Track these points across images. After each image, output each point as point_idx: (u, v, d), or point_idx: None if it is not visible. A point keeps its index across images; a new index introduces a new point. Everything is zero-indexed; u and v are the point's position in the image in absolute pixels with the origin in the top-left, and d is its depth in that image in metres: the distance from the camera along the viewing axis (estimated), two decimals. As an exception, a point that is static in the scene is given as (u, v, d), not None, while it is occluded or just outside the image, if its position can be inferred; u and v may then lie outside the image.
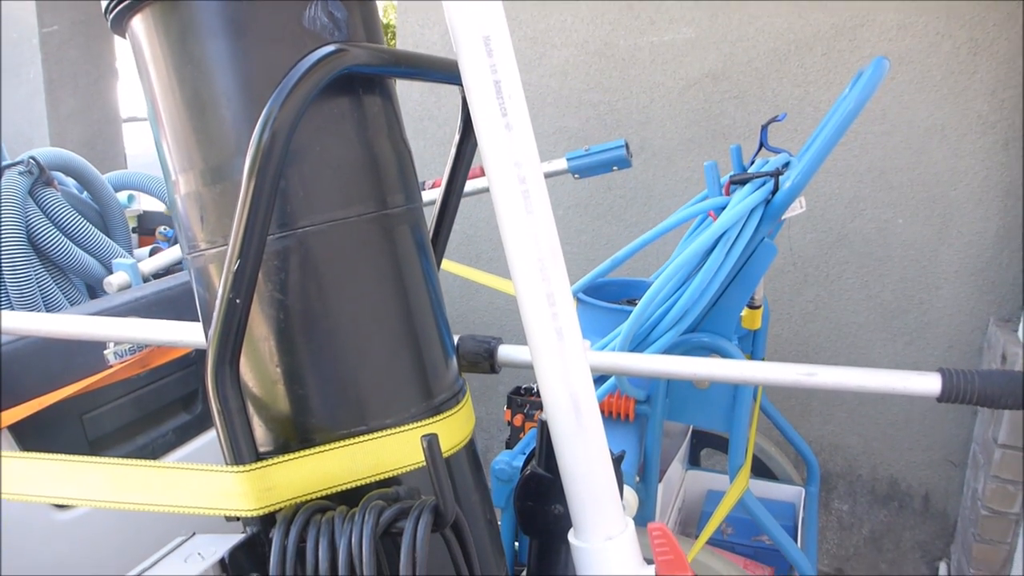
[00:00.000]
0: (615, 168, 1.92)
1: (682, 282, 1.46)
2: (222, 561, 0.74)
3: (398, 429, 0.84)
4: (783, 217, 1.51)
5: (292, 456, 0.79)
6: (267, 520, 0.78)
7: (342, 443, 0.81)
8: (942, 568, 2.75)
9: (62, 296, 1.96)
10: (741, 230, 1.44)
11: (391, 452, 0.84)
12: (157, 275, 2.04)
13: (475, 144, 0.94)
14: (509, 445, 1.99)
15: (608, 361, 1.10)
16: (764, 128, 1.73)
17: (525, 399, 1.94)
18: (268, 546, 0.75)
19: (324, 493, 0.80)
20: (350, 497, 0.79)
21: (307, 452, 0.80)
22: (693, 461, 2.38)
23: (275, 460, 0.78)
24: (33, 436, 1.49)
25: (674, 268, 1.43)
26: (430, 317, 0.92)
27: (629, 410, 1.60)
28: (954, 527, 2.73)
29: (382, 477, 0.82)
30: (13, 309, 1.77)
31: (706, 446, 2.37)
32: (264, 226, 0.73)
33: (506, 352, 1.14)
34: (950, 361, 2.59)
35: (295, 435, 0.83)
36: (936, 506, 2.75)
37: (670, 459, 1.97)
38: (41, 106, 3.80)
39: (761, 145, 1.76)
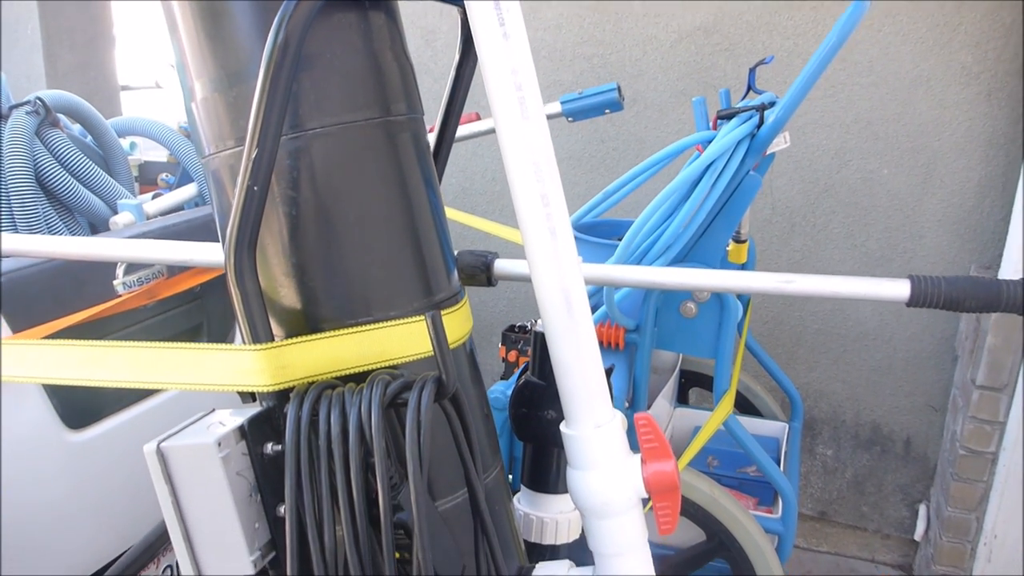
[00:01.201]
0: (607, 111, 1.97)
1: (669, 213, 1.52)
2: (241, 428, 0.80)
3: (402, 321, 0.90)
4: (768, 151, 1.57)
5: (304, 339, 0.85)
6: (282, 396, 0.85)
7: (350, 330, 0.88)
8: (922, 510, 2.84)
9: (68, 235, 2.00)
10: (728, 162, 1.50)
11: (395, 341, 0.90)
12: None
13: (474, 63, 0.99)
14: (504, 379, 2.06)
15: (598, 272, 1.16)
16: (752, 71, 1.79)
17: (519, 335, 2.01)
18: (283, 420, 0.81)
19: (334, 376, 0.86)
20: (358, 381, 0.86)
21: (318, 336, 0.86)
22: (681, 400, 2.46)
23: (289, 341, 0.84)
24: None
25: (662, 197, 1.49)
26: (430, 222, 0.98)
27: (619, 339, 1.67)
28: (934, 470, 2.82)
29: (386, 365, 0.88)
30: (21, 246, 1.82)
31: (694, 385, 2.45)
32: (279, 120, 0.79)
33: (502, 266, 1.20)
34: (933, 309, 2.65)
35: (306, 325, 0.89)
36: (917, 450, 2.84)
37: (657, 396, 2.04)
38: (39, 62, 3.83)
39: (749, 88, 1.82)
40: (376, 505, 0.79)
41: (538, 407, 1.21)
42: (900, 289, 1.06)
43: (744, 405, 2.40)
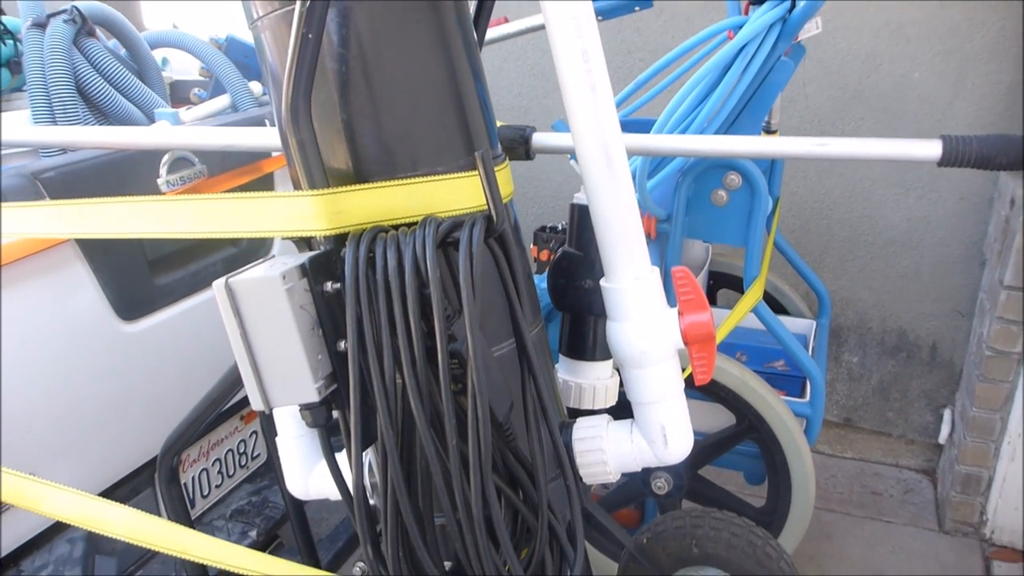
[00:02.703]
0: (637, 8, 1.97)
1: (702, 98, 1.54)
2: (302, 266, 0.85)
3: (448, 176, 0.94)
4: (800, 37, 1.57)
5: (358, 187, 0.89)
6: (338, 242, 0.89)
7: (399, 182, 0.92)
8: (946, 414, 2.88)
9: (109, 142, 2.05)
10: (759, 46, 1.51)
11: (442, 194, 0.94)
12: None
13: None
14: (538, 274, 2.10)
15: (635, 142, 1.19)
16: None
17: (549, 235, 2.05)
18: (340, 263, 0.86)
19: (386, 224, 0.91)
20: (408, 230, 0.90)
21: (370, 186, 0.90)
22: (710, 301, 2.50)
23: (343, 189, 0.89)
24: (98, 250, 1.61)
25: (693, 81, 1.51)
26: (472, 86, 1.01)
27: (651, 229, 1.70)
28: (959, 375, 2.85)
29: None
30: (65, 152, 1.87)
31: (723, 286, 2.48)
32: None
33: (541, 139, 1.23)
34: (961, 212, 2.67)
35: (356, 180, 0.93)
36: (943, 355, 2.87)
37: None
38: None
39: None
40: (431, 338, 0.84)
41: (575, 277, 1.25)
42: (932, 149, 1.09)
43: (772, 304, 2.44)
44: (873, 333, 2.94)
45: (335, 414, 0.92)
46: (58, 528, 1.66)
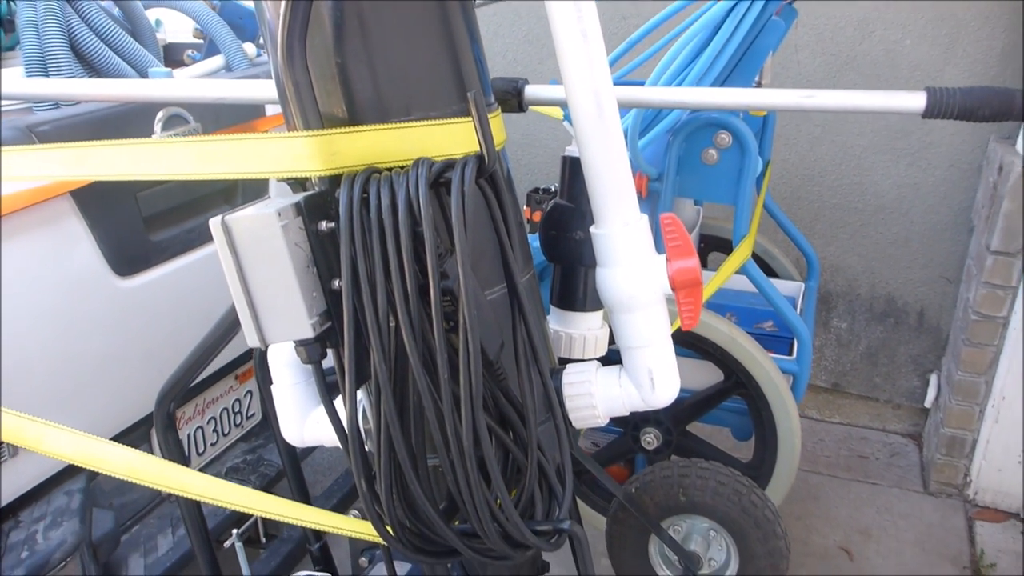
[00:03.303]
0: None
1: (692, 57, 1.55)
2: (297, 204, 0.86)
3: (441, 121, 0.96)
4: (791, -4, 1.58)
5: (352, 129, 0.91)
6: (332, 183, 0.91)
7: (393, 125, 0.93)
8: (932, 379, 2.92)
9: (103, 102, 2.06)
10: (749, 6, 1.52)
11: (435, 139, 0.95)
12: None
13: None
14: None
15: (625, 94, 1.21)
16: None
17: (542, 196, 2.06)
18: (335, 203, 0.88)
19: (380, 166, 0.92)
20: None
21: (364, 128, 0.92)
22: (701, 264, 2.53)
23: (338, 130, 0.90)
24: (94, 206, 1.62)
25: (683, 40, 1.52)
26: (465, 35, 1.02)
27: (642, 187, 1.72)
28: (946, 341, 2.89)
29: (428, 160, 0.94)
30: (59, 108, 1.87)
31: (714, 250, 2.51)
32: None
33: (533, 91, 1.25)
34: (950, 180, 2.69)
35: (351, 124, 0.94)
36: (930, 321, 2.90)
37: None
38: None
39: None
40: (424, 276, 0.86)
41: (567, 228, 1.27)
42: (916, 100, 1.10)
43: (763, 268, 2.46)
44: (862, 299, 2.97)
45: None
46: (56, 480, 1.69)
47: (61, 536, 1.59)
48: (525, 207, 2.09)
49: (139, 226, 1.74)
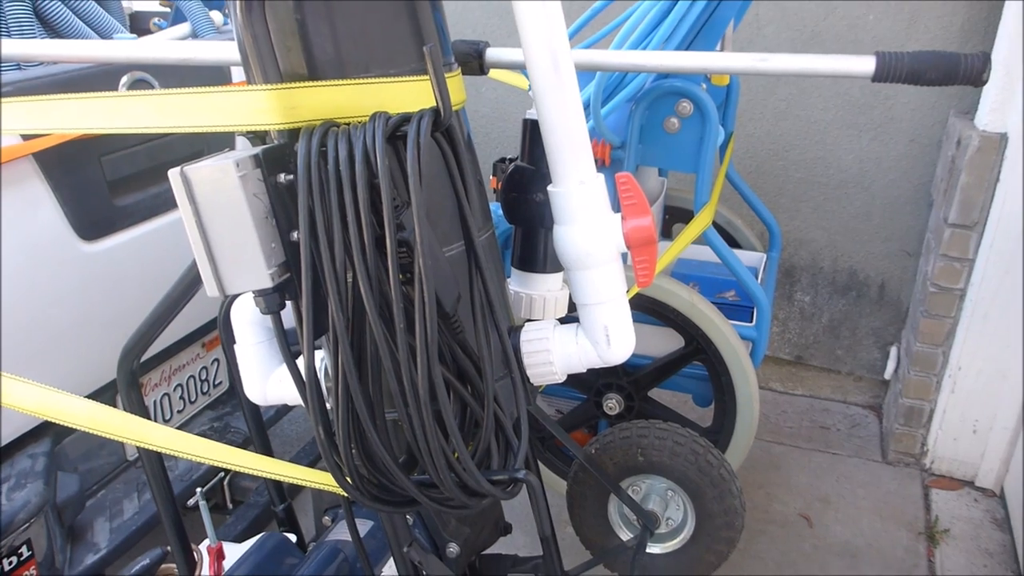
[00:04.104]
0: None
1: (654, 25, 1.57)
2: (256, 156, 0.87)
3: (400, 79, 0.97)
4: (752, -34, 1.60)
5: (311, 84, 0.92)
6: (291, 136, 0.92)
7: (353, 81, 0.95)
8: (892, 351, 2.98)
9: (66, 67, 2.04)
10: (712, -26, 1.54)
11: (394, 95, 0.97)
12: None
13: None
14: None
15: (584, 57, 1.23)
16: None
17: (508, 166, 2.07)
18: (293, 156, 0.89)
19: (338, 121, 0.94)
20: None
21: (323, 83, 0.93)
22: (665, 235, 2.56)
23: (297, 84, 0.91)
24: (57, 169, 1.62)
25: (646, 7, 1.54)
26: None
27: (605, 155, 1.74)
28: (906, 313, 2.95)
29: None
30: (22, 75, 1.86)
31: (678, 220, 2.54)
32: None
33: (494, 54, 1.26)
34: (911, 154, 2.74)
35: (311, 80, 0.95)
36: (891, 294, 2.96)
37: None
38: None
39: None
40: (381, 228, 0.87)
41: (527, 190, 1.29)
42: (866, 65, 1.13)
43: (725, 238, 2.49)
44: (825, 273, 3.02)
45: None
46: (19, 444, 1.69)
47: (25, 497, 1.59)
48: (492, 177, 2.10)
49: (103, 190, 1.74)
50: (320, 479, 1.10)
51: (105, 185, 1.74)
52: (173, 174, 0.86)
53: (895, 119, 2.72)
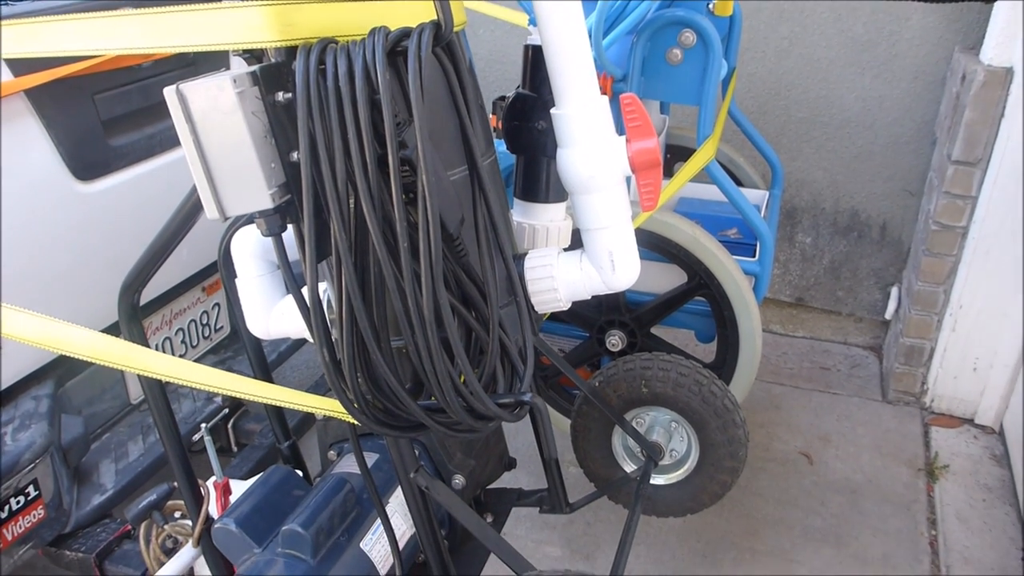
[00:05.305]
0: None
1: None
2: (253, 74, 0.86)
3: (399, -3, 0.95)
4: None
5: (308, 0, 0.90)
6: (289, 54, 0.90)
7: (351, -1, 0.92)
8: (893, 291, 2.98)
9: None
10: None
11: (393, 12, 0.94)
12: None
13: None
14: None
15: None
16: None
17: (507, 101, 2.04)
18: (291, 76, 0.87)
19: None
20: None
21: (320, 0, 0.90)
22: (667, 174, 2.54)
23: (294, 1, 0.89)
24: (50, 106, 1.59)
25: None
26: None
27: (607, 88, 1.72)
28: (907, 253, 2.94)
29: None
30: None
31: (680, 160, 2.52)
32: None
33: (493, -24, 1.23)
34: (914, 92, 2.70)
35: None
36: (892, 234, 2.95)
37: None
38: None
39: None
40: (382, 147, 0.86)
41: (529, 118, 1.27)
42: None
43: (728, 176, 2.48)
44: (826, 214, 3.01)
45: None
46: (22, 386, 1.69)
47: (30, 438, 1.60)
48: (492, 115, 2.08)
49: (98, 129, 1.72)
50: (327, 405, 1.10)
51: (100, 124, 1.71)
52: (169, 92, 0.84)
53: (899, 56, 2.69)
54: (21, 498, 1.60)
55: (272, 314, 1.28)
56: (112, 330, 1.82)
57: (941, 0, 1.10)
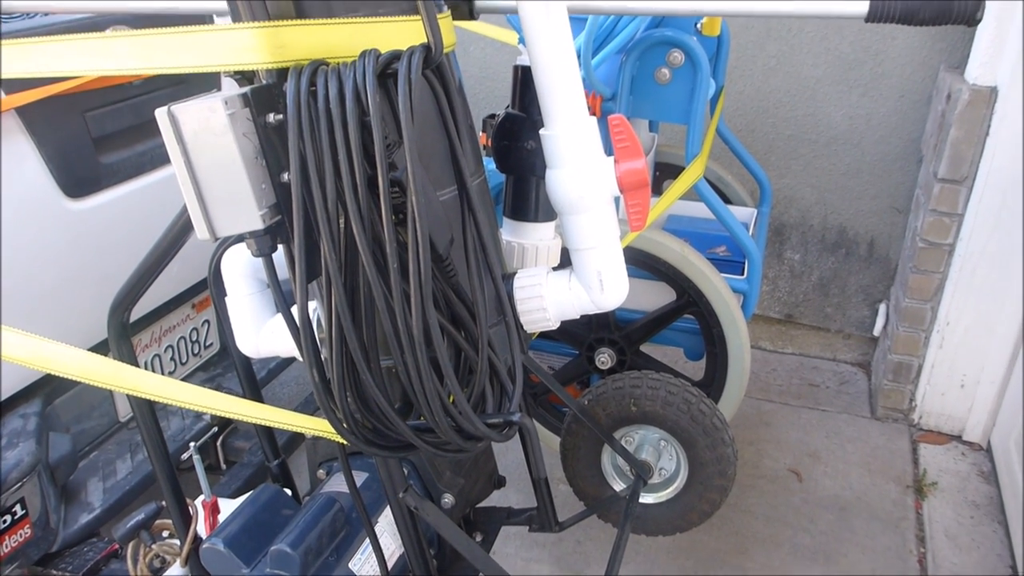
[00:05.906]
0: None
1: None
2: (245, 95, 0.86)
3: (389, 18, 0.96)
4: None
5: (299, 22, 0.90)
6: (280, 76, 0.91)
7: (342, 20, 0.93)
8: (881, 308, 3.00)
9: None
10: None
11: (383, 34, 0.95)
12: None
13: None
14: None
15: (578, 3, 1.21)
16: None
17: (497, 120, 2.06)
18: (282, 97, 0.88)
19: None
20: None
21: (311, 21, 0.91)
22: (656, 192, 2.55)
23: (285, 23, 0.90)
24: (41, 124, 1.59)
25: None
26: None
27: (596, 107, 1.73)
28: (895, 270, 2.96)
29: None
30: None
31: (668, 177, 2.53)
32: None
33: (483, -2, 1.24)
34: (901, 110, 2.73)
35: (298, 19, 0.94)
36: (880, 251, 2.97)
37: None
38: None
39: None
40: (372, 168, 0.86)
41: (519, 138, 1.28)
42: (859, 7, 1.12)
43: (716, 194, 2.49)
44: (815, 230, 3.03)
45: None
46: (10, 404, 1.68)
47: (17, 456, 1.59)
48: (482, 133, 2.09)
49: (88, 147, 1.72)
50: (316, 425, 1.10)
51: (90, 142, 1.71)
52: (160, 113, 0.85)
53: (885, 75, 2.71)
54: (8, 517, 1.59)
55: (262, 333, 1.28)
56: (101, 348, 1.82)
57: (926, 24, 1.12)
